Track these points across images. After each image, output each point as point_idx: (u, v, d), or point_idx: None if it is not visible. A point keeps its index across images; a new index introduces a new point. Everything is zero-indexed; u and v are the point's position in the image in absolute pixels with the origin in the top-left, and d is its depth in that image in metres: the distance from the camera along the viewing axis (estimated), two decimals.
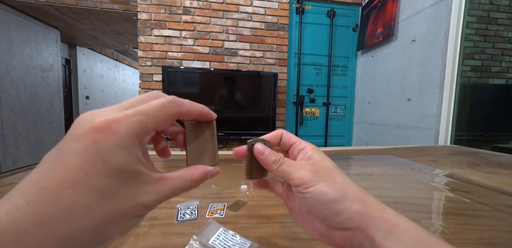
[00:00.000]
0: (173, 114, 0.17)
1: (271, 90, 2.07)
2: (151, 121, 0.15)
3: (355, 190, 0.18)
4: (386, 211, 0.17)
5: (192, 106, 0.18)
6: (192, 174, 0.18)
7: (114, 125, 0.14)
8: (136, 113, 0.15)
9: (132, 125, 0.14)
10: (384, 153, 0.85)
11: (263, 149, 0.20)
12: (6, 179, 0.53)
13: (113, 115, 0.14)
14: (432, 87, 1.54)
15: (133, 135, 0.14)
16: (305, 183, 0.18)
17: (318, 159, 0.20)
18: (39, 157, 2.73)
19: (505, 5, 1.49)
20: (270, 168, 0.20)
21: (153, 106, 0.16)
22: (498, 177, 0.57)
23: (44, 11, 2.60)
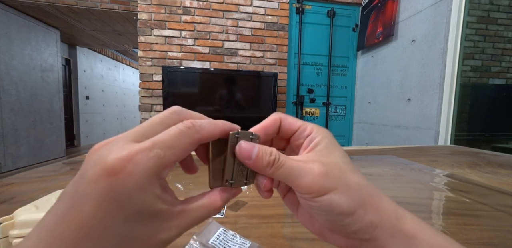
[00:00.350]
0: (193, 142, 0.15)
1: (271, 90, 2.07)
2: (170, 154, 0.14)
3: (371, 194, 0.15)
4: (405, 219, 0.15)
5: (213, 127, 0.16)
6: (215, 202, 0.16)
7: (130, 165, 0.12)
8: (153, 146, 0.13)
9: (149, 163, 0.13)
10: (384, 153, 0.85)
11: (249, 150, 0.16)
12: (6, 179, 0.53)
13: (128, 151, 0.13)
14: (432, 87, 1.54)
15: (151, 173, 0.13)
16: (313, 193, 0.15)
17: (327, 150, 0.17)
18: (39, 157, 2.74)
19: (505, 5, 1.49)
20: (263, 172, 0.16)
21: (171, 135, 0.14)
22: (498, 177, 0.57)
23: (44, 11, 2.60)
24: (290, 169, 0.16)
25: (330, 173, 0.15)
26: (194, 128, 0.15)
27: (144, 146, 0.13)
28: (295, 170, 0.15)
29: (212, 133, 0.16)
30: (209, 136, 0.16)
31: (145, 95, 2.05)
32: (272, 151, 0.16)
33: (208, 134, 0.16)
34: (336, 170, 0.16)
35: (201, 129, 0.15)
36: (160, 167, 0.13)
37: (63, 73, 3.56)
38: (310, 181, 0.15)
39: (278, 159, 0.16)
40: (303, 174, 0.15)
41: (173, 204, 0.15)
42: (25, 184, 0.51)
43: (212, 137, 0.16)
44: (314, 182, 0.15)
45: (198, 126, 0.15)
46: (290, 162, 0.16)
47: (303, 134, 0.18)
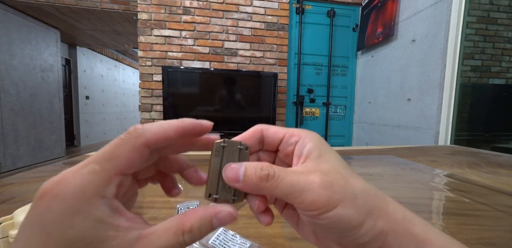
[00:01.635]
0: (136, 148, 0.13)
1: (271, 90, 2.07)
2: (109, 166, 0.12)
3: (376, 199, 0.14)
4: (413, 223, 0.14)
5: (164, 126, 0.14)
6: (183, 223, 0.13)
7: (58, 186, 0.11)
8: (89, 162, 0.12)
9: (81, 180, 0.11)
10: (384, 153, 0.85)
11: (235, 172, 0.14)
12: (6, 179, 0.53)
13: (63, 173, 0.12)
14: (432, 87, 1.54)
15: (84, 192, 0.11)
16: (320, 209, 0.13)
17: (323, 156, 0.15)
18: (39, 157, 2.74)
19: (505, 5, 1.49)
20: (260, 192, 0.14)
21: (109, 145, 0.13)
22: (498, 177, 0.57)
23: (44, 11, 2.60)
24: (290, 185, 0.13)
25: (335, 184, 0.13)
26: (135, 132, 0.13)
27: (80, 164, 0.12)
28: (296, 185, 0.13)
29: (162, 134, 0.14)
30: (157, 138, 0.14)
31: (145, 95, 2.05)
32: (263, 166, 0.14)
33: (156, 136, 0.14)
34: (340, 179, 0.14)
35: (144, 132, 0.13)
36: (99, 184, 0.12)
37: (63, 73, 3.56)
38: (315, 196, 0.13)
39: (273, 174, 0.14)
40: (305, 188, 0.13)
41: (127, 230, 0.12)
42: (25, 184, 0.51)
43: (164, 139, 0.14)
44: (319, 197, 0.13)
45: (141, 129, 0.13)
46: (289, 176, 0.14)
47: (291, 141, 0.16)
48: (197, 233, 0.13)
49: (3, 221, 0.25)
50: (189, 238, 0.13)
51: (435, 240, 0.13)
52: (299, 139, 0.16)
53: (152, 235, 0.12)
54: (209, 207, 0.14)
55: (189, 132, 0.15)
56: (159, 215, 0.36)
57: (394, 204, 0.14)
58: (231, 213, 0.14)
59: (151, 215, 0.36)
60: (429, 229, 0.14)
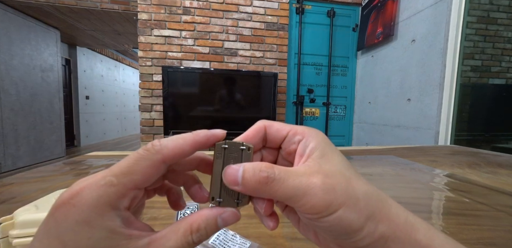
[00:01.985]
0: (154, 164, 0.13)
1: (271, 90, 2.07)
2: (126, 181, 0.12)
3: (379, 202, 0.14)
4: (417, 228, 0.13)
5: (179, 142, 0.14)
6: (190, 223, 0.14)
7: (76, 197, 0.12)
8: (106, 175, 0.12)
9: (98, 192, 0.12)
10: (384, 153, 0.85)
11: (234, 174, 0.14)
12: (6, 179, 0.53)
13: (82, 183, 0.12)
14: (432, 87, 1.54)
15: (99, 204, 0.12)
16: (320, 213, 0.13)
17: (326, 156, 0.15)
18: (39, 157, 2.74)
19: (505, 5, 1.49)
20: (260, 195, 0.14)
21: (127, 160, 0.13)
22: (498, 177, 0.57)
23: (44, 11, 2.60)
24: (292, 188, 0.13)
25: (337, 186, 0.13)
26: (153, 149, 0.13)
27: (98, 176, 0.12)
28: (297, 188, 0.13)
29: (178, 150, 0.14)
30: (174, 154, 0.14)
31: (145, 95, 2.05)
32: (262, 167, 0.14)
33: (173, 152, 0.14)
34: (342, 181, 0.14)
35: (162, 149, 0.13)
36: (114, 196, 0.12)
37: (63, 73, 3.57)
38: (316, 200, 0.13)
39: (273, 176, 0.13)
40: (307, 192, 0.13)
41: (138, 238, 0.13)
42: (25, 184, 0.51)
43: (180, 154, 0.14)
44: (320, 201, 0.13)
45: (158, 146, 0.14)
46: (291, 179, 0.13)
47: (294, 139, 0.16)
48: (204, 233, 0.14)
49: (3, 221, 0.25)
50: (197, 238, 0.13)
51: (438, 245, 0.13)
52: (303, 137, 0.16)
53: (162, 239, 0.13)
54: (214, 208, 0.15)
55: (204, 145, 0.15)
56: (159, 215, 0.36)
57: (397, 208, 0.14)
58: (234, 212, 0.15)
59: (151, 215, 0.36)
60: (433, 235, 0.13)
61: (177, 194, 0.18)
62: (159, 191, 0.18)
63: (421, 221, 0.14)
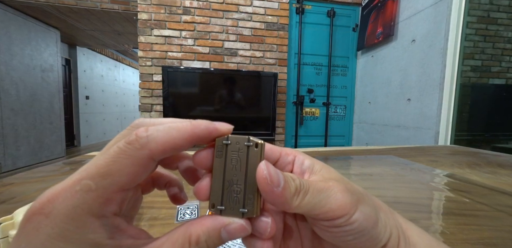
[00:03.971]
0: (139, 162, 0.11)
1: (271, 90, 2.07)
2: (106, 183, 0.10)
3: (372, 196, 0.15)
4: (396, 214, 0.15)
5: (172, 134, 0.11)
6: (189, 233, 0.11)
7: (48, 206, 0.10)
8: (82, 177, 0.10)
9: (73, 200, 0.10)
10: (384, 153, 0.85)
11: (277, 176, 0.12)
12: (6, 179, 0.53)
13: (54, 189, 0.10)
14: (432, 87, 1.54)
15: (76, 214, 0.10)
16: (349, 212, 0.12)
17: (324, 169, 0.15)
18: (39, 157, 2.74)
19: (505, 5, 1.49)
20: (286, 206, 0.12)
21: (105, 157, 0.11)
22: (498, 177, 0.57)
23: (44, 11, 2.60)
24: (317, 192, 0.12)
25: (348, 187, 0.13)
26: (137, 143, 0.11)
27: (72, 180, 0.10)
28: (322, 192, 0.12)
29: (170, 144, 0.11)
30: (164, 149, 0.11)
31: (145, 95, 2.05)
32: (291, 174, 0.13)
33: (163, 147, 0.11)
34: (347, 183, 0.14)
35: (149, 142, 0.11)
36: (94, 203, 0.10)
37: (63, 73, 3.57)
38: (340, 200, 0.12)
39: (303, 183, 0.12)
40: (330, 194, 0.12)
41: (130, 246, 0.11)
42: (25, 184, 0.51)
43: (172, 150, 0.12)
44: (345, 200, 0.12)
45: (145, 138, 0.11)
46: (313, 184, 0.13)
47: (288, 159, 0.15)
48: (204, 246, 0.12)
49: (3, 221, 0.25)
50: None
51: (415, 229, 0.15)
52: (294, 157, 0.15)
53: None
54: (217, 217, 0.12)
55: (203, 140, 0.13)
56: (159, 215, 0.36)
57: (380, 200, 0.15)
58: (242, 226, 0.12)
59: (151, 215, 0.36)
60: (406, 220, 0.15)
61: (178, 187, 0.16)
62: (157, 185, 0.16)
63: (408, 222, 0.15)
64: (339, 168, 0.65)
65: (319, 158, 0.78)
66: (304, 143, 2.38)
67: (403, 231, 0.14)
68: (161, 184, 0.16)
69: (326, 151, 0.89)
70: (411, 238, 0.14)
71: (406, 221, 0.15)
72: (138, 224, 0.33)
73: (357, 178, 0.55)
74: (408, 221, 0.15)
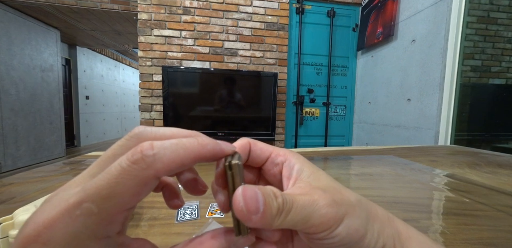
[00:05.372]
0: (144, 182, 0.10)
1: (271, 90, 2.07)
2: (109, 206, 0.10)
3: (366, 205, 0.14)
4: (397, 222, 0.15)
5: (177, 155, 0.11)
6: None
7: (45, 233, 0.09)
8: (82, 200, 0.10)
9: (74, 226, 0.09)
10: (384, 153, 0.85)
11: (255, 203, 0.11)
12: (6, 179, 0.53)
13: (48, 213, 0.10)
14: (432, 87, 1.54)
15: (80, 241, 0.10)
16: (331, 226, 0.12)
17: (314, 175, 0.14)
18: (39, 157, 2.74)
19: (505, 5, 1.49)
20: (267, 226, 0.11)
21: (107, 177, 0.10)
22: (498, 177, 0.57)
23: (44, 11, 2.60)
24: (301, 209, 0.12)
25: (335, 198, 0.13)
26: (143, 163, 0.10)
27: (68, 202, 0.10)
28: (305, 208, 0.12)
29: (177, 164, 0.11)
30: (170, 168, 0.11)
31: (145, 95, 2.05)
32: (273, 191, 0.12)
33: (169, 167, 0.11)
34: (336, 192, 0.13)
35: (155, 162, 0.10)
36: (97, 227, 0.10)
37: (63, 73, 3.56)
38: (323, 215, 0.12)
39: (285, 201, 0.12)
40: (314, 210, 0.12)
41: None
42: (25, 184, 0.51)
43: (178, 168, 0.11)
44: (328, 215, 0.12)
45: (151, 156, 0.10)
46: (297, 200, 0.12)
47: (277, 161, 0.15)
48: None
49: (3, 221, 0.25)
50: None
51: (416, 238, 0.14)
52: (285, 159, 0.15)
53: None
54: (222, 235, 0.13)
55: (208, 160, 0.13)
56: (159, 215, 0.36)
57: (380, 208, 0.15)
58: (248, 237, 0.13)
59: (151, 215, 0.36)
60: (408, 228, 0.15)
61: (174, 191, 0.16)
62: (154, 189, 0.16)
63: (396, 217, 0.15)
64: (339, 168, 0.65)
65: (319, 158, 0.78)
66: (304, 143, 2.38)
67: (402, 241, 0.14)
68: (158, 187, 0.16)
69: (326, 151, 0.89)
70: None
71: (408, 229, 0.14)
72: (138, 224, 0.33)
73: (357, 178, 0.55)
74: (410, 229, 0.14)
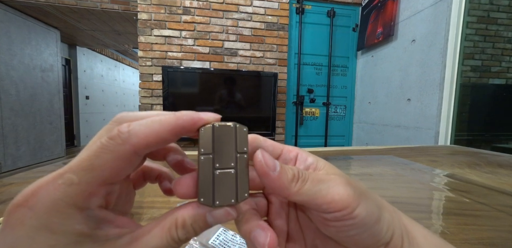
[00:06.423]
0: (121, 156, 0.11)
1: (271, 90, 2.07)
2: (88, 178, 0.10)
3: (375, 194, 0.14)
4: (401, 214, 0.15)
5: (152, 129, 0.11)
6: (175, 217, 0.12)
7: (32, 199, 0.10)
8: (65, 171, 0.11)
9: (55, 193, 0.10)
10: (384, 153, 0.85)
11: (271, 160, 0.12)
12: (6, 179, 0.53)
13: (38, 183, 0.11)
14: (432, 87, 1.54)
15: (60, 207, 0.10)
16: (350, 205, 0.12)
17: (327, 166, 0.15)
18: (39, 157, 2.73)
19: (505, 5, 1.49)
20: (286, 191, 0.12)
21: (88, 152, 0.11)
22: (498, 177, 0.57)
23: (44, 11, 2.60)
24: (318, 182, 0.12)
25: (350, 181, 0.13)
26: (118, 138, 0.11)
27: (56, 173, 0.11)
28: (323, 182, 0.12)
29: (153, 138, 0.11)
30: (147, 143, 0.11)
31: (145, 95, 2.05)
32: (288, 165, 0.13)
33: (146, 141, 0.11)
34: (350, 179, 0.14)
35: (130, 137, 0.11)
36: (77, 197, 0.10)
37: (63, 73, 3.56)
38: (342, 191, 0.12)
39: (301, 171, 0.13)
40: (331, 185, 0.12)
41: (118, 237, 0.11)
42: (25, 184, 0.51)
43: (156, 143, 0.11)
44: (347, 192, 0.12)
45: (125, 133, 0.11)
46: (313, 174, 0.13)
47: (291, 156, 0.15)
48: (191, 230, 0.12)
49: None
50: (183, 235, 0.12)
51: (418, 230, 0.14)
52: (297, 153, 0.15)
53: (145, 236, 0.11)
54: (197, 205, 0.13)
55: (189, 131, 0.12)
56: (159, 215, 0.36)
57: (384, 200, 0.15)
58: (226, 210, 0.12)
59: (151, 215, 0.36)
60: (411, 221, 0.15)
61: (168, 179, 0.16)
62: (148, 178, 0.16)
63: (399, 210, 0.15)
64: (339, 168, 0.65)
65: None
66: (304, 143, 2.38)
67: (408, 231, 0.14)
68: (152, 177, 0.16)
69: (326, 151, 0.89)
70: (416, 239, 0.13)
71: (411, 222, 0.14)
72: None
73: (357, 178, 0.55)
74: (414, 222, 0.14)
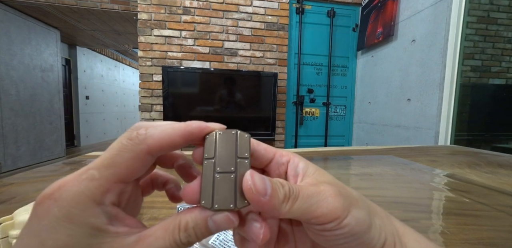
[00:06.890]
0: (138, 155, 0.12)
1: (271, 90, 2.07)
2: (108, 174, 0.12)
3: (367, 200, 0.15)
4: (393, 218, 0.15)
5: (167, 131, 0.13)
6: (179, 219, 0.12)
7: (57, 192, 0.11)
8: (89, 168, 0.12)
9: (79, 187, 0.11)
10: (384, 153, 0.85)
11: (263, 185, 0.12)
12: (6, 179, 0.53)
13: (64, 178, 0.12)
14: (432, 87, 1.54)
15: (81, 199, 0.11)
16: (339, 217, 0.12)
17: (318, 172, 0.15)
18: (39, 157, 2.73)
19: (505, 5, 1.49)
20: (276, 212, 0.12)
21: (110, 151, 0.12)
22: (498, 177, 0.57)
23: (44, 11, 2.60)
24: (308, 198, 0.12)
25: (341, 190, 0.13)
26: (137, 139, 0.12)
27: (80, 170, 0.12)
28: (312, 197, 0.12)
29: (166, 140, 0.13)
30: (161, 144, 0.13)
31: (145, 95, 2.05)
32: (279, 180, 0.13)
33: (160, 142, 0.13)
34: (341, 186, 0.14)
35: (147, 138, 0.12)
36: (96, 191, 0.11)
37: (63, 73, 3.56)
38: (331, 204, 0.12)
39: (292, 189, 0.13)
40: (321, 199, 0.12)
41: (126, 235, 0.12)
42: (25, 184, 0.51)
43: (169, 145, 0.13)
44: (336, 204, 0.12)
45: (143, 135, 0.12)
46: (304, 189, 0.13)
47: (283, 161, 0.15)
48: (192, 234, 0.12)
49: (3, 221, 0.25)
50: (185, 238, 0.12)
51: (411, 235, 0.14)
52: (289, 159, 0.15)
53: (150, 237, 0.12)
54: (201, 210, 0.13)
55: (197, 137, 0.14)
56: (159, 215, 0.36)
57: (376, 205, 0.15)
58: (227, 215, 0.12)
59: (151, 215, 0.36)
60: (404, 225, 0.15)
61: (175, 185, 0.17)
62: (156, 185, 0.17)
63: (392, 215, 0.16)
64: (339, 168, 0.65)
65: (319, 158, 0.78)
66: (304, 143, 2.38)
67: (400, 237, 0.14)
68: (160, 184, 0.17)
69: (326, 151, 0.89)
70: (407, 244, 0.14)
71: (403, 226, 0.15)
72: None
73: (357, 178, 0.55)
74: (405, 226, 0.15)
